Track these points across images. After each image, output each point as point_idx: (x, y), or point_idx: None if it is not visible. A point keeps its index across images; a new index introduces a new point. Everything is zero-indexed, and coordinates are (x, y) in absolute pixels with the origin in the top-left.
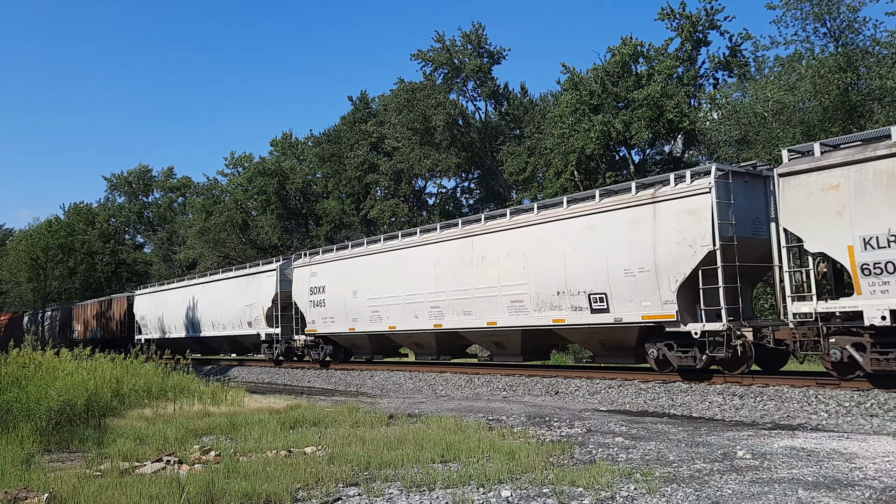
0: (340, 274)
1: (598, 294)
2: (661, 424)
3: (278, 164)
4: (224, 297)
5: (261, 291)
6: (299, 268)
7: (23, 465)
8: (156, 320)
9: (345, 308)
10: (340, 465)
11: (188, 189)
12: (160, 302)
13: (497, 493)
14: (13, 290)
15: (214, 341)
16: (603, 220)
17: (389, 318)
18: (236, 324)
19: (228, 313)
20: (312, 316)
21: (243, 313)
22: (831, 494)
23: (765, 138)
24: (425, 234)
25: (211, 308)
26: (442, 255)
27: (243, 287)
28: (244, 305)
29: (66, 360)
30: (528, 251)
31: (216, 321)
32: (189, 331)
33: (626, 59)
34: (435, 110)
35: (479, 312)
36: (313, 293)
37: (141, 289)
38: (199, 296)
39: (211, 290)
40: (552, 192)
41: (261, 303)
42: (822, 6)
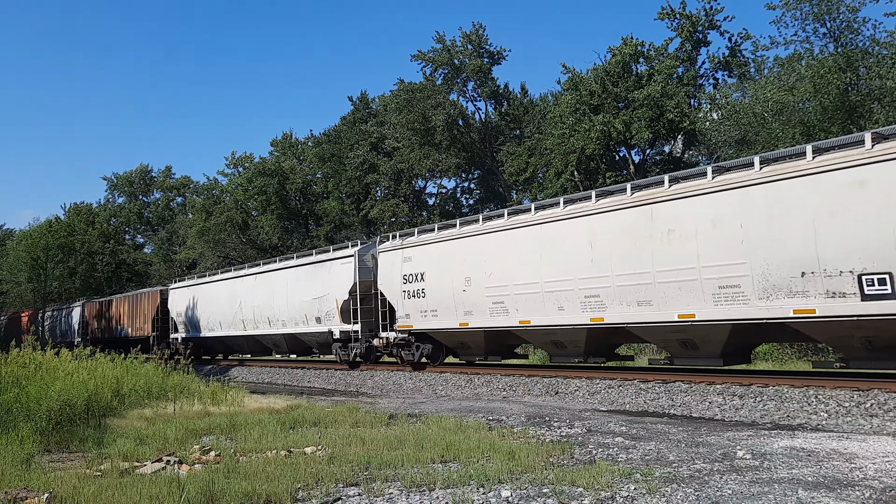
0: (447, 258)
1: (877, 274)
2: (661, 424)
3: (278, 165)
4: (284, 289)
5: (334, 281)
6: (387, 252)
7: (23, 465)
8: (195, 316)
9: (453, 299)
10: (340, 465)
11: (188, 189)
12: (201, 296)
13: (497, 493)
14: (13, 290)
15: (269, 340)
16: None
17: (520, 311)
18: (299, 320)
19: (290, 308)
20: (406, 309)
21: (310, 307)
22: (831, 494)
23: (765, 138)
24: (575, 205)
25: (266, 302)
26: (602, 229)
27: (310, 277)
28: (311, 298)
29: (66, 361)
30: (749, 219)
31: (273, 317)
32: (238, 328)
33: (627, 60)
34: (435, 110)
35: (663, 302)
36: (408, 282)
37: (176, 281)
38: (252, 288)
39: (267, 281)
40: (552, 193)
41: (334, 295)
42: (821, 6)
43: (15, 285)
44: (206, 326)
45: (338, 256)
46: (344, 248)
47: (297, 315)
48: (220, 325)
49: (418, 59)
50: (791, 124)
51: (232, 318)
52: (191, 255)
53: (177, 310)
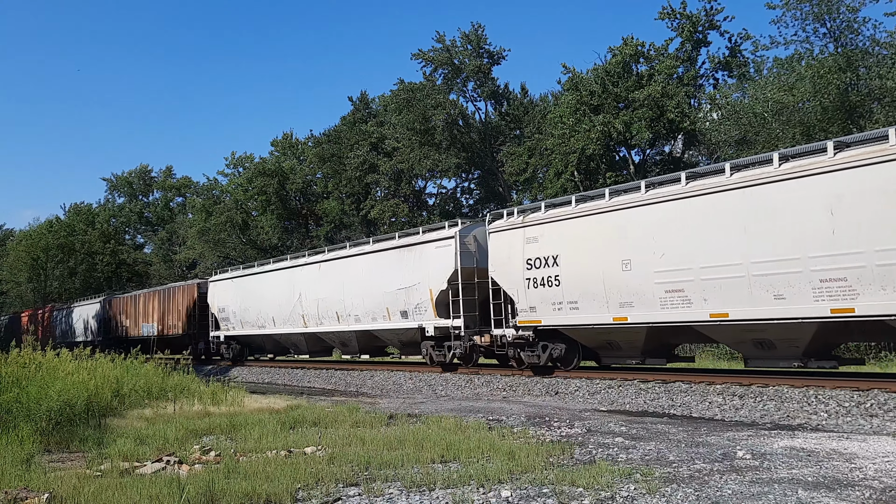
0: (593, 236)
1: None
2: (661, 424)
3: (278, 165)
4: (360, 279)
5: (427, 268)
6: (502, 232)
7: (23, 465)
8: (243, 312)
9: (603, 287)
10: (340, 465)
11: (188, 189)
12: (249, 288)
13: (497, 493)
14: (13, 290)
15: (336, 338)
16: None
17: (709, 302)
18: (378, 314)
19: (366, 300)
20: (531, 300)
21: (393, 300)
22: (831, 495)
23: (764, 138)
24: (796, 162)
25: (335, 294)
26: (850, 189)
27: (394, 264)
28: (395, 289)
29: (66, 361)
30: None
31: (343, 311)
32: (295, 325)
33: (627, 60)
34: (435, 110)
35: None
36: (533, 267)
37: (218, 273)
38: (316, 278)
39: (336, 269)
40: (552, 193)
41: (427, 284)
42: (821, 6)
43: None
44: (255, 323)
45: (432, 239)
46: (438, 230)
47: (376, 309)
48: (273, 322)
49: (418, 58)
50: (791, 124)
51: (289, 314)
52: (191, 255)
53: (218, 305)
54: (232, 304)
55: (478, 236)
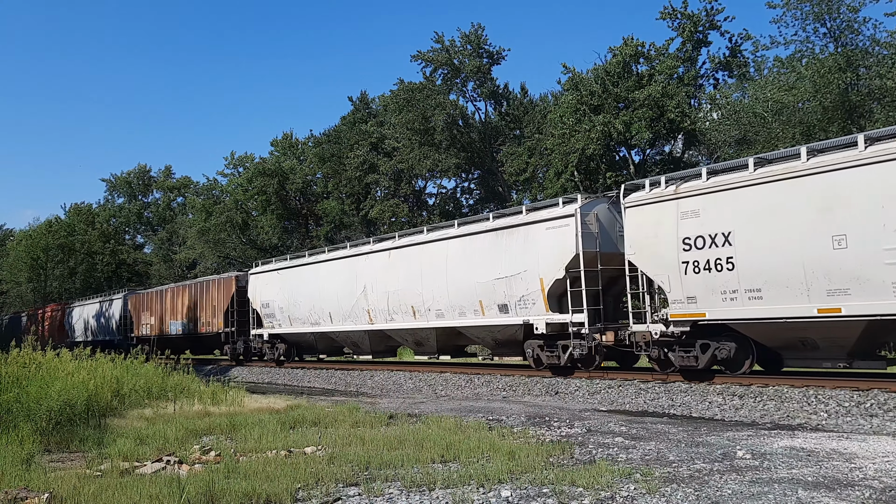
0: (784, 206)
1: None
2: (660, 424)
3: (278, 165)
4: (444, 268)
5: (536, 254)
6: (645, 206)
7: (23, 465)
8: (292, 307)
9: (803, 270)
10: (340, 465)
11: (188, 189)
12: (300, 281)
13: (497, 493)
14: (13, 290)
15: (410, 336)
16: None
17: None
18: (469, 308)
19: (453, 293)
20: (689, 289)
21: (489, 291)
22: (831, 494)
23: (764, 138)
24: None
25: (410, 285)
26: None
27: (491, 249)
28: (493, 279)
29: (66, 361)
30: None
31: (422, 305)
32: (358, 321)
33: (627, 60)
34: (435, 111)
35: None
36: (692, 247)
37: (260, 265)
38: (385, 267)
39: (412, 256)
40: (552, 193)
41: (536, 272)
42: (822, 6)
43: (15, 285)
44: (307, 319)
45: (543, 218)
46: (550, 207)
47: (465, 302)
48: (330, 318)
49: (418, 59)
50: (791, 124)
51: (350, 308)
52: (191, 255)
53: (261, 299)
54: (278, 298)
55: (599, 214)
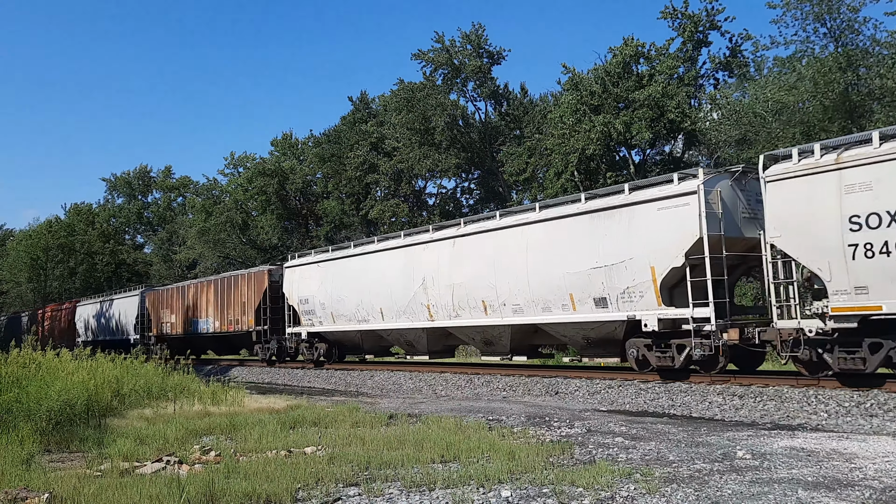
0: None
1: None
2: (660, 424)
3: (278, 165)
4: (524, 257)
5: (645, 238)
6: (795, 178)
7: (23, 465)
8: (336, 303)
9: None
10: (340, 465)
11: (188, 189)
12: (348, 274)
13: (497, 493)
14: (13, 290)
15: (478, 334)
16: None
17: None
18: (556, 303)
19: (536, 285)
20: (859, 276)
21: (584, 283)
22: (831, 494)
23: (765, 138)
24: None
25: (483, 277)
26: None
27: (585, 234)
28: (588, 269)
29: (66, 361)
30: None
31: (496, 299)
32: (416, 317)
33: (627, 60)
34: (435, 111)
35: None
36: (863, 227)
37: (297, 257)
38: (449, 258)
39: (483, 245)
40: (553, 193)
41: (647, 260)
42: (822, 6)
43: (15, 285)
44: (354, 316)
45: (654, 197)
46: (662, 184)
47: (551, 295)
48: (381, 314)
49: (418, 58)
50: (791, 124)
51: (406, 304)
52: (191, 255)
53: (299, 295)
54: (319, 293)
55: (722, 192)
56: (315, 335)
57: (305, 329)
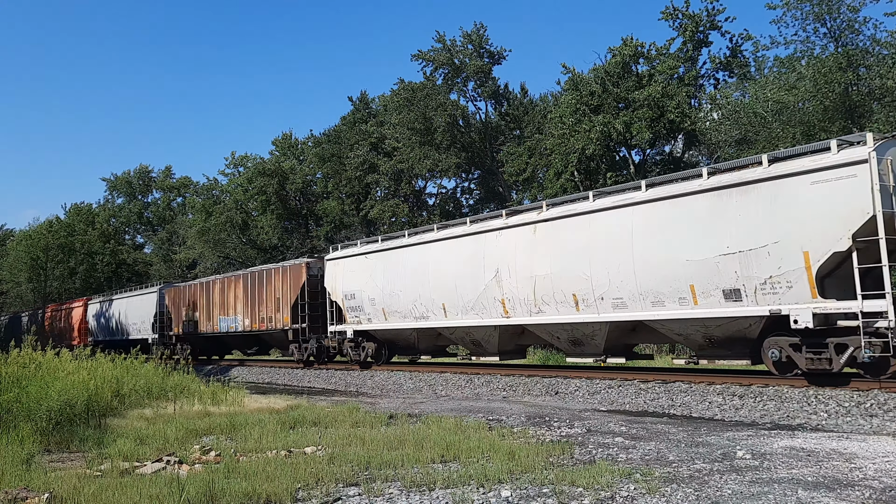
0: None
1: None
2: (660, 424)
3: (278, 165)
4: (630, 242)
5: (795, 217)
6: None
7: (23, 465)
8: (389, 298)
9: None
10: (340, 465)
11: (188, 189)
12: (403, 266)
13: (497, 493)
14: (13, 290)
15: (568, 332)
16: None
17: None
18: (671, 296)
19: (642, 275)
20: None
21: (710, 272)
22: (831, 494)
23: (765, 138)
24: None
25: (573, 267)
26: None
27: (709, 214)
28: (715, 255)
29: (66, 361)
30: None
31: (591, 293)
32: (486, 313)
33: (627, 60)
34: (436, 111)
35: None
36: None
37: (338, 248)
38: (531, 246)
39: (571, 231)
40: (552, 193)
41: (797, 242)
42: (822, 6)
43: (15, 285)
44: (410, 312)
45: (805, 169)
46: (816, 153)
47: (664, 287)
48: (444, 310)
49: (418, 58)
50: (791, 124)
51: (475, 298)
52: (191, 255)
53: (344, 289)
54: (368, 287)
55: (893, 162)
56: (362, 334)
57: (351, 327)
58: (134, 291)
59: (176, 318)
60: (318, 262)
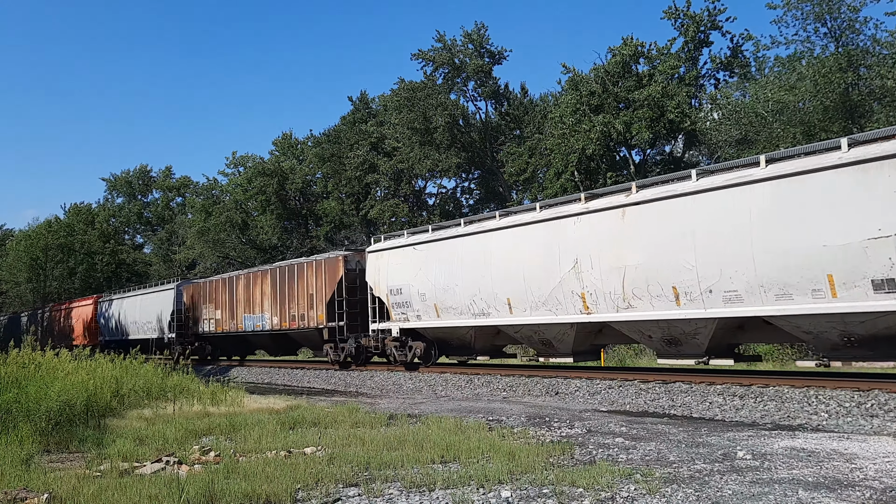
0: None
1: None
2: (661, 425)
3: (278, 165)
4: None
5: None
6: None
7: (22, 465)
8: (442, 292)
9: None
10: (340, 465)
11: (187, 189)
12: (458, 257)
13: (497, 494)
14: (13, 290)
15: (663, 330)
16: None
17: None
18: (799, 287)
19: (763, 264)
20: None
21: (851, 259)
22: (831, 495)
23: (765, 138)
24: None
25: (676, 255)
26: None
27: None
28: (861, 240)
29: (65, 361)
30: None
31: (696, 285)
32: (567, 309)
33: (627, 60)
34: (436, 111)
35: None
36: None
37: (380, 240)
38: (618, 234)
39: (673, 213)
40: (552, 193)
41: None
42: (822, 6)
43: (14, 285)
44: (469, 308)
45: None
46: None
47: (791, 277)
48: (509, 306)
49: (419, 58)
50: (792, 124)
51: (547, 293)
52: (190, 255)
53: (389, 284)
54: (417, 281)
55: None
56: (409, 332)
57: (397, 325)
58: (149, 289)
59: (195, 316)
60: (356, 255)
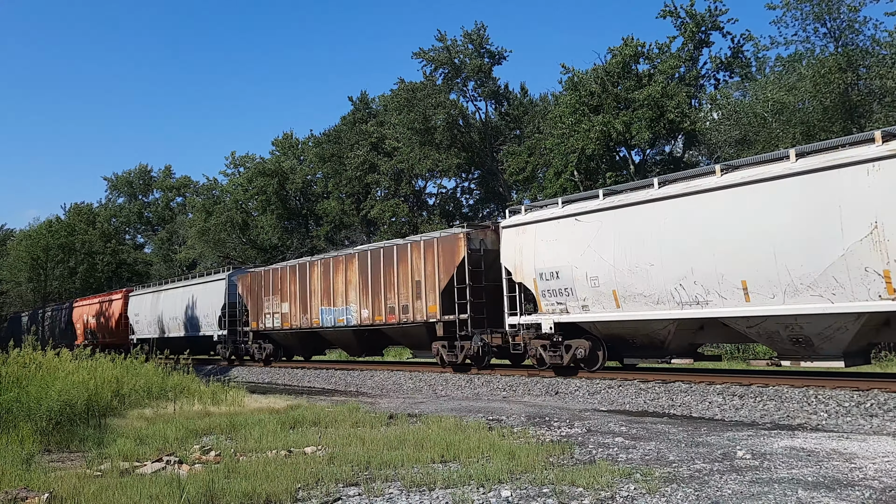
0: None
1: None
2: (661, 424)
3: (278, 165)
4: None
5: None
6: None
7: (23, 465)
8: (626, 275)
9: None
10: (340, 464)
11: (188, 189)
12: (651, 227)
13: (497, 493)
14: (13, 290)
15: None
16: None
17: None
18: None
19: None
20: None
21: None
22: (831, 494)
23: (765, 138)
24: None
25: None
26: None
27: None
28: None
29: (66, 361)
30: None
31: None
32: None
33: (627, 60)
34: (435, 110)
35: None
36: None
37: (523, 212)
38: None
39: None
40: (552, 193)
41: None
42: (822, 6)
43: (15, 285)
44: (672, 296)
45: None
46: None
47: None
48: (745, 291)
49: (419, 57)
50: (791, 124)
51: (817, 272)
52: (191, 255)
53: (538, 266)
54: (583, 262)
55: None
56: (565, 325)
57: (550, 318)
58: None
59: (254, 310)
60: (479, 232)
